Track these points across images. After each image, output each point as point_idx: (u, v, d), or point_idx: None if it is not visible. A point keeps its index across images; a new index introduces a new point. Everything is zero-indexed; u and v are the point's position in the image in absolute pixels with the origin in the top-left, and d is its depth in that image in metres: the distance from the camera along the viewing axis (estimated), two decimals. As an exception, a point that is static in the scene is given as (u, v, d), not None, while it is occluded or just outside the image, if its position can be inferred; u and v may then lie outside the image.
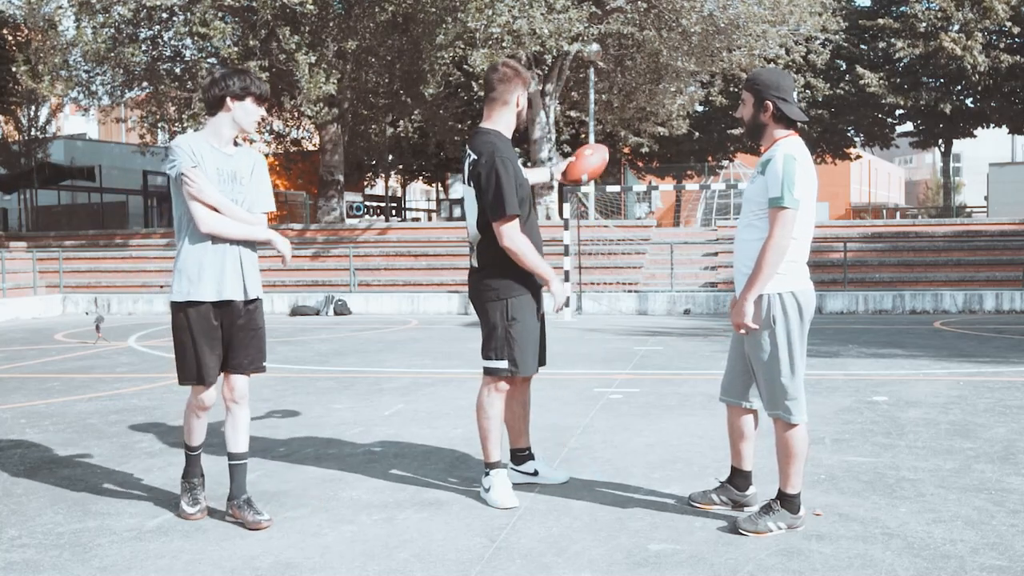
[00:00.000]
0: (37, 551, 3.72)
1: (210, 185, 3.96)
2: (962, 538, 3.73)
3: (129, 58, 20.75)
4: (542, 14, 18.76)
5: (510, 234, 4.16)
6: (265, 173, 4.27)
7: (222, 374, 4.18)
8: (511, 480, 4.41)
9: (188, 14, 20.12)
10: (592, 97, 23.18)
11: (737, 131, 33.75)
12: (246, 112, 4.08)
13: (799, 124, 3.90)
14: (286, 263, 4.29)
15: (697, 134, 34.03)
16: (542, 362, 4.52)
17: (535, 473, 4.64)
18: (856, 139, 37.09)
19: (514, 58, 21.19)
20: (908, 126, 36.85)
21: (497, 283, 4.31)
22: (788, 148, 3.78)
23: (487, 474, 4.34)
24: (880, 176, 69.53)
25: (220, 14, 20.28)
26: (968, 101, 32.81)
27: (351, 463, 5.17)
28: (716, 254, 20.61)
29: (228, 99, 4.03)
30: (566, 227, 17.80)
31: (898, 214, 47.62)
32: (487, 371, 4.33)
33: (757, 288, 3.76)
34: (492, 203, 4.15)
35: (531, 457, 4.68)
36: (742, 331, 3.85)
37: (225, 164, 4.04)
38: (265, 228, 4.18)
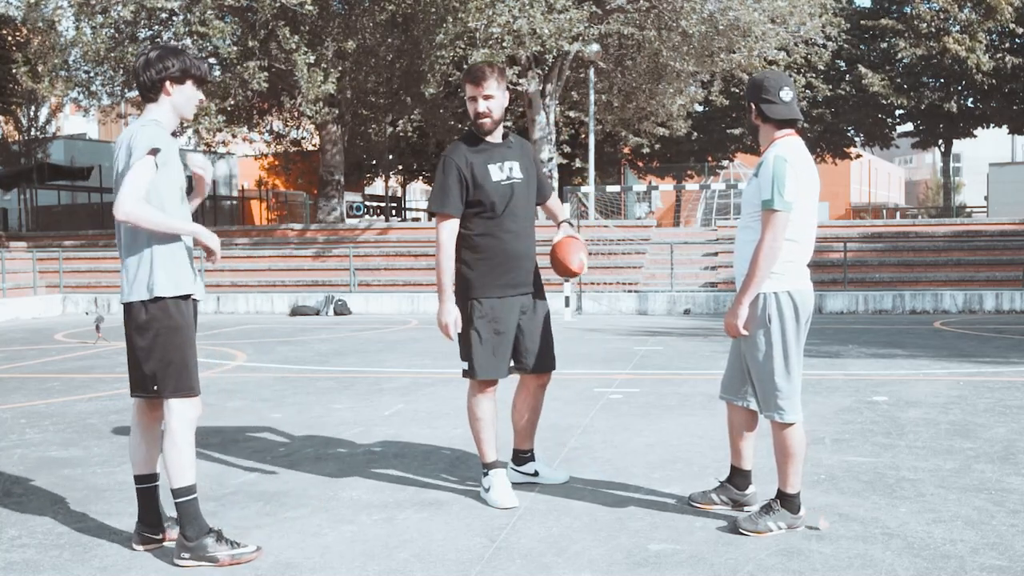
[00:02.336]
0: (37, 551, 3.72)
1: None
2: (962, 538, 3.73)
3: (129, 58, 20.74)
4: (542, 13, 18.75)
5: (439, 230, 4.35)
6: None
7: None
8: (511, 480, 4.41)
9: (188, 14, 20.12)
10: (592, 97, 23.17)
11: (737, 131, 33.78)
12: (187, 97, 3.65)
13: (799, 123, 3.90)
14: (215, 260, 3.65)
15: (697, 134, 34.02)
16: (546, 367, 4.47)
17: (535, 474, 4.65)
18: (856, 139, 37.10)
19: (514, 58, 21.20)
20: (908, 126, 36.86)
21: (461, 282, 4.36)
22: (781, 149, 3.78)
23: (486, 474, 4.34)
24: (880, 176, 69.51)
25: (220, 14, 20.27)
26: (969, 101, 32.82)
27: (351, 463, 5.17)
28: (716, 254, 20.61)
29: (168, 83, 3.59)
30: (566, 227, 17.76)
31: (898, 214, 47.61)
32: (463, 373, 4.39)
33: (751, 292, 3.76)
34: (431, 197, 4.36)
35: (532, 459, 4.69)
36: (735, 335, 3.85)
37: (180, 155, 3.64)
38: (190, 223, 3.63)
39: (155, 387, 3.60)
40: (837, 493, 4.40)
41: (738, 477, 4.17)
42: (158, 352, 3.55)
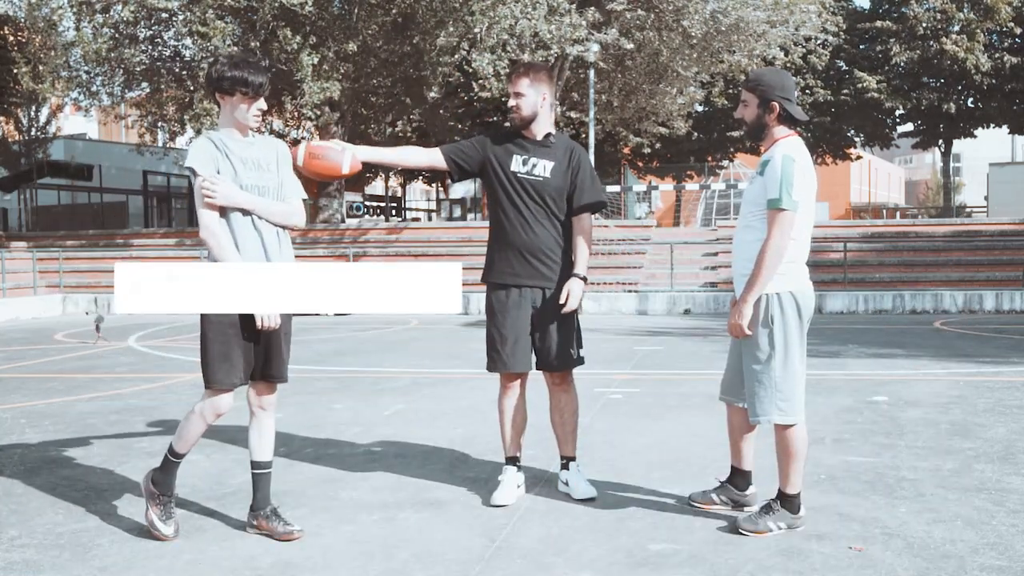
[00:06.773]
0: (37, 551, 3.72)
1: (233, 189, 3.71)
2: (962, 538, 3.73)
3: (129, 58, 20.74)
4: (544, 16, 18.72)
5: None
6: (290, 162, 3.96)
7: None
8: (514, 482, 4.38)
9: (188, 14, 20.12)
10: (592, 97, 23.16)
11: (737, 132, 33.79)
12: (239, 112, 3.76)
13: (800, 124, 3.91)
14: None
15: (697, 134, 34.01)
16: (550, 366, 4.35)
17: (566, 483, 4.47)
18: (856, 139, 37.10)
19: (516, 61, 21.17)
20: (908, 126, 36.86)
21: (486, 262, 4.41)
22: (787, 149, 3.78)
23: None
24: (880, 176, 69.52)
25: (220, 14, 20.26)
26: (968, 101, 32.82)
27: (351, 463, 5.17)
28: (716, 254, 20.61)
29: (217, 94, 3.76)
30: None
31: (898, 214, 47.61)
32: None
33: (756, 290, 3.75)
34: None
35: (566, 467, 4.48)
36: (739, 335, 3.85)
37: (247, 152, 3.78)
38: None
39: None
40: (837, 493, 4.40)
41: (738, 477, 4.17)
42: (201, 342, 3.81)
